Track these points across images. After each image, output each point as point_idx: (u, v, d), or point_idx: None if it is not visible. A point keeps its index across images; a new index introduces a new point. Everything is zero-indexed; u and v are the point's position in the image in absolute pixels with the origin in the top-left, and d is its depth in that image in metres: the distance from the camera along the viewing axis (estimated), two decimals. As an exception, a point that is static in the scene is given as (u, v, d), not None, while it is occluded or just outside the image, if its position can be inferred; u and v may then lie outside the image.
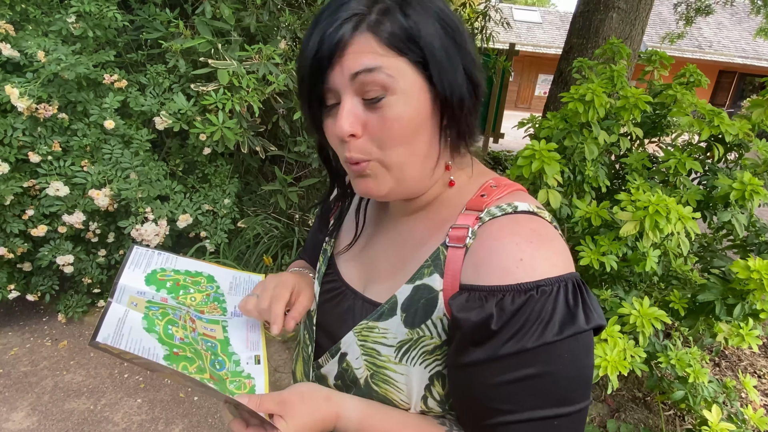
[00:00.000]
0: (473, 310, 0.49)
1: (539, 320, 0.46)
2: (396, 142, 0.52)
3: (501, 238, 0.51)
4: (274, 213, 3.24)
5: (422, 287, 0.56)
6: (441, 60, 0.49)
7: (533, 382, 0.47)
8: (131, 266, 0.67)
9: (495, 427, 0.49)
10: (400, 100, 0.50)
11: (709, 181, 1.94)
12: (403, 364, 0.56)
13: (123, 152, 2.51)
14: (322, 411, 0.55)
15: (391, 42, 0.48)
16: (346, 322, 0.64)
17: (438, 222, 0.59)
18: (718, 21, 14.86)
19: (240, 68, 2.61)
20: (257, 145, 3.00)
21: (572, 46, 3.44)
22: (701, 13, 6.35)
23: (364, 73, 0.49)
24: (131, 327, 0.55)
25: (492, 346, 0.47)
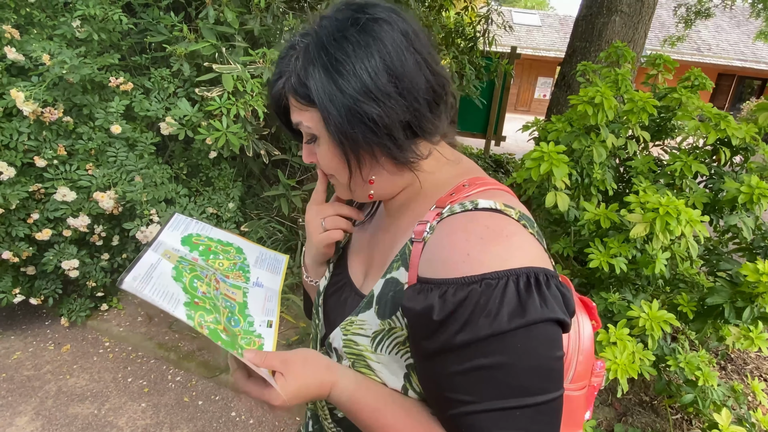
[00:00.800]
0: (417, 300, 0.52)
1: (486, 311, 0.47)
2: (333, 171, 0.63)
3: (452, 233, 0.53)
4: (277, 217, 3.24)
5: (391, 281, 0.60)
6: (327, 109, 0.56)
7: (488, 373, 0.48)
8: (170, 228, 0.74)
9: (458, 417, 0.50)
10: (323, 140, 0.60)
11: (715, 184, 1.94)
12: (379, 353, 0.60)
13: (128, 155, 2.51)
14: (321, 376, 0.58)
15: (301, 98, 0.59)
16: (339, 313, 0.70)
17: (411, 220, 0.64)
18: (717, 24, 14.92)
19: (244, 72, 2.61)
20: (261, 148, 3.01)
21: (575, 49, 3.45)
22: (701, 17, 6.37)
23: (298, 126, 0.62)
24: (161, 273, 0.60)
25: (443, 337, 0.49)
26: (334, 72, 0.55)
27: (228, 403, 2.32)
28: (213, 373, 2.45)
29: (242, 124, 2.63)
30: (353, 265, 0.75)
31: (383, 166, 0.61)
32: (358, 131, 0.57)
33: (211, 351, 2.61)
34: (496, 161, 5.75)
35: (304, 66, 0.57)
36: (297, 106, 0.60)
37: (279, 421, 2.25)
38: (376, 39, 0.56)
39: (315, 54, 0.56)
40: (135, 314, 2.90)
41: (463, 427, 0.50)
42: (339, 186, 0.68)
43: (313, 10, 3.24)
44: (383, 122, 0.56)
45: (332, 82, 0.55)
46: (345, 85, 0.55)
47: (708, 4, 6.42)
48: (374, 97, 0.56)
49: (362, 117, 0.56)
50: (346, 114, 0.56)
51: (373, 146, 0.58)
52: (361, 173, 0.61)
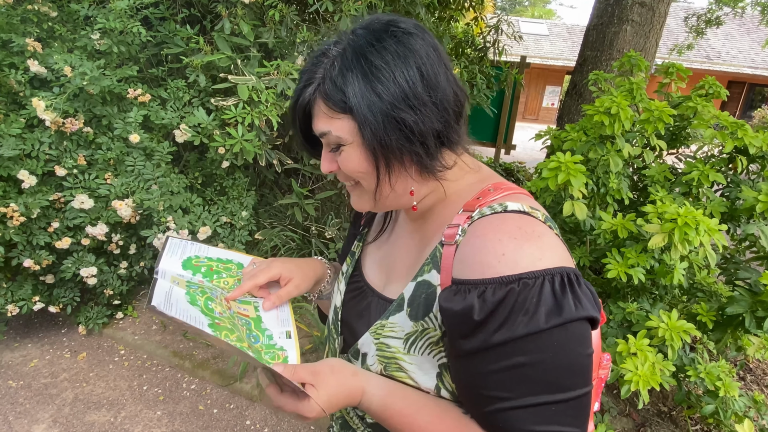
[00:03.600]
0: (456, 301, 0.53)
1: (524, 310, 0.49)
2: (359, 178, 0.63)
3: (485, 234, 0.55)
4: (290, 225, 3.26)
5: (423, 283, 0.61)
6: (364, 116, 0.57)
7: (525, 370, 0.50)
8: (168, 254, 0.75)
9: (494, 414, 0.52)
10: (351, 149, 0.60)
11: (732, 193, 1.93)
12: (412, 354, 0.61)
13: (145, 164, 2.55)
14: (350, 384, 0.59)
15: (334, 105, 0.59)
16: (363, 318, 0.71)
17: (438, 225, 0.66)
18: (726, 32, 14.86)
19: (259, 83, 2.65)
20: (274, 158, 3.04)
21: (586, 58, 3.46)
22: (711, 25, 6.36)
23: (323, 135, 0.62)
24: (177, 299, 0.61)
25: (482, 336, 0.51)
26: (374, 79, 0.57)
27: (243, 412, 2.33)
28: (228, 381, 2.46)
29: (256, 133, 2.67)
30: (370, 274, 0.77)
31: (410, 175, 0.62)
32: (393, 138, 0.58)
33: (225, 359, 2.62)
34: (506, 170, 5.75)
35: (341, 72, 0.58)
36: (327, 113, 0.60)
37: (294, 430, 2.26)
38: (412, 50, 0.58)
39: (353, 60, 0.58)
40: (150, 322, 2.93)
41: (500, 423, 0.52)
42: (361, 195, 0.67)
43: (326, 23, 3.30)
44: (418, 130, 0.58)
45: (371, 88, 0.57)
46: (384, 92, 0.57)
47: (717, 12, 6.40)
48: (411, 105, 0.58)
49: (399, 124, 0.58)
50: (383, 120, 0.57)
51: (404, 154, 0.59)
52: (389, 180, 0.62)
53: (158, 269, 0.70)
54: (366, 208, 0.68)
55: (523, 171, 5.84)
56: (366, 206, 0.68)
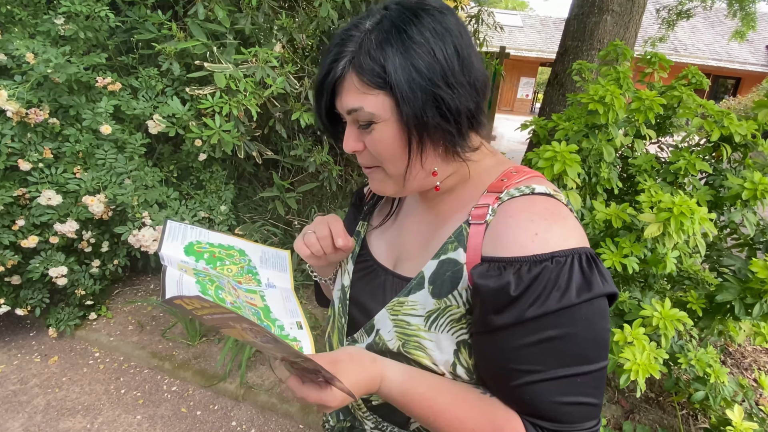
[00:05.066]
0: (492, 278, 0.54)
1: (557, 286, 0.51)
2: (388, 158, 0.61)
3: (517, 215, 0.57)
4: (271, 219, 3.17)
5: (447, 261, 0.61)
6: (403, 92, 0.56)
7: (555, 343, 0.52)
8: (169, 238, 0.70)
9: (521, 387, 0.54)
10: (384, 126, 0.59)
11: (716, 181, 1.95)
12: (432, 331, 0.61)
13: (117, 157, 2.42)
14: (369, 371, 0.59)
15: (369, 80, 0.57)
16: (377, 297, 0.70)
17: (459, 204, 0.66)
18: (692, 25, 15.28)
19: (237, 71, 2.55)
20: (253, 149, 2.94)
21: (567, 48, 3.47)
22: (682, 18, 6.51)
23: (352, 112, 0.59)
24: (189, 288, 0.58)
25: (516, 311, 0.52)
26: (414, 54, 0.56)
27: (228, 413, 2.25)
28: (210, 381, 2.37)
29: (235, 123, 2.57)
30: (378, 253, 0.77)
31: (437, 155, 0.62)
32: (430, 116, 0.57)
33: (207, 359, 2.54)
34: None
35: (380, 45, 0.56)
36: (360, 89, 0.58)
37: (282, 429, 2.20)
38: (448, 29, 0.58)
39: (392, 34, 0.56)
40: (125, 323, 2.80)
41: (527, 396, 0.54)
42: (384, 179, 0.65)
43: (306, 9, 3.19)
44: (455, 108, 0.58)
45: (412, 63, 0.56)
46: (425, 68, 0.56)
47: (688, 5, 6.55)
48: (449, 83, 0.57)
49: (437, 102, 0.57)
50: (422, 97, 0.56)
51: (438, 132, 0.59)
52: (421, 160, 0.61)
53: (161, 254, 0.65)
54: (388, 191, 0.67)
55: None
56: (389, 189, 0.66)
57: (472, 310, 0.59)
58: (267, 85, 2.68)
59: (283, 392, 2.31)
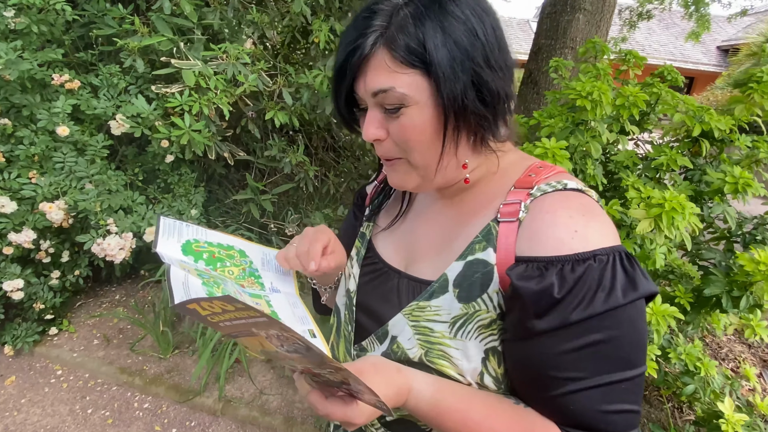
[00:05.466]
0: (533, 279, 0.50)
1: (602, 287, 0.48)
2: (416, 147, 0.56)
3: (553, 211, 0.53)
4: (245, 223, 3.04)
5: (476, 262, 0.57)
6: (444, 72, 0.51)
7: (600, 348, 0.48)
8: (164, 236, 0.63)
9: (563, 396, 0.50)
10: (416, 110, 0.53)
11: (694, 176, 1.98)
12: (458, 338, 0.56)
13: (77, 161, 2.26)
14: (396, 382, 0.54)
15: (403, 57, 0.51)
16: (390, 302, 0.65)
17: (483, 202, 0.61)
18: (649, 27, 15.88)
19: (206, 69, 2.42)
20: (225, 150, 2.82)
21: (540, 46, 3.49)
22: (642, 18, 6.74)
23: (380, 93, 0.53)
24: (196, 292, 0.52)
25: (560, 315, 0.49)
26: (456, 31, 0.51)
27: (205, 429, 2.13)
28: (186, 396, 2.24)
29: (206, 123, 2.44)
30: (386, 254, 0.71)
31: (469, 145, 0.57)
32: (470, 99, 0.53)
33: (181, 372, 2.40)
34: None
35: (417, 20, 0.51)
36: (391, 67, 0.52)
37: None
38: (486, 9, 0.54)
39: (433, 9, 0.51)
40: (90, 337, 2.62)
41: (570, 405, 0.50)
42: (409, 170, 0.59)
43: (277, 4, 3.08)
44: (495, 92, 0.54)
45: (454, 41, 0.51)
46: (468, 46, 0.51)
47: (647, 6, 6.79)
48: (491, 65, 0.53)
49: (479, 85, 0.53)
50: (463, 77, 0.52)
51: (475, 119, 0.54)
52: (455, 150, 0.56)
53: (159, 253, 0.59)
54: (410, 185, 0.61)
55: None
56: (411, 183, 0.60)
57: (504, 314, 0.55)
58: (239, 83, 2.57)
59: (264, 405, 2.21)
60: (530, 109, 3.53)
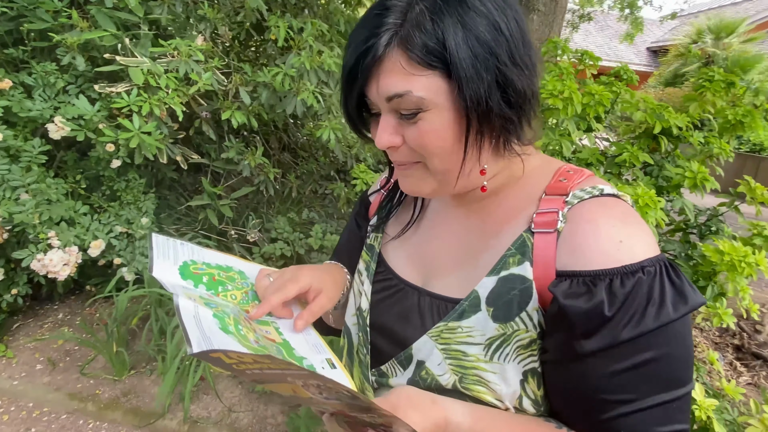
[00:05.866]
0: (581, 296, 0.47)
1: (652, 301, 0.45)
2: (436, 152, 0.52)
3: (594, 220, 0.50)
4: (202, 230, 2.88)
5: (511, 277, 0.53)
6: (466, 72, 0.47)
7: (651, 367, 0.46)
8: (159, 257, 0.57)
9: (614, 420, 0.47)
10: (434, 114, 0.49)
11: (653, 171, 2.06)
12: (496, 362, 0.53)
13: (10, 168, 2.03)
14: (432, 415, 0.50)
15: (420, 58, 0.47)
16: (410, 322, 0.60)
17: (510, 210, 0.57)
18: (586, 29, 16.71)
19: (156, 66, 2.26)
20: (177, 153, 2.65)
21: (497, 46, 3.55)
22: (583, 20, 7.07)
23: (396, 98, 0.49)
24: (210, 327, 0.46)
25: (610, 334, 0.46)
26: (478, 26, 0.47)
27: (170, 454, 1.98)
28: (146, 420, 2.08)
29: (157, 124, 2.27)
30: (401, 268, 0.66)
31: (490, 149, 0.53)
32: (494, 101, 0.49)
33: (140, 394, 2.22)
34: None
35: (435, 16, 0.46)
36: (407, 69, 0.47)
37: (235, 464, 1.98)
38: (507, 2, 0.50)
39: (451, 3, 0.47)
40: (32, 362, 2.38)
41: (621, 428, 0.47)
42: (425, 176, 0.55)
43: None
44: (522, 92, 0.50)
45: (476, 37, 0.47)
46: (491, 43, 0.47)
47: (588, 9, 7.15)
48: (516, 62, 0.49)
49: (504, 84, 0.49)
50: (487, 77, 0.48)
51: (499, 121, 0.50)
52: (479, 154, 0.52)
53: (157, 278, 0.53)
54: (425, 191, 0.57)
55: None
56: (426, 189, 0.56)
57: (547, 333, 0.51)
58: (192, 82, 2.41)
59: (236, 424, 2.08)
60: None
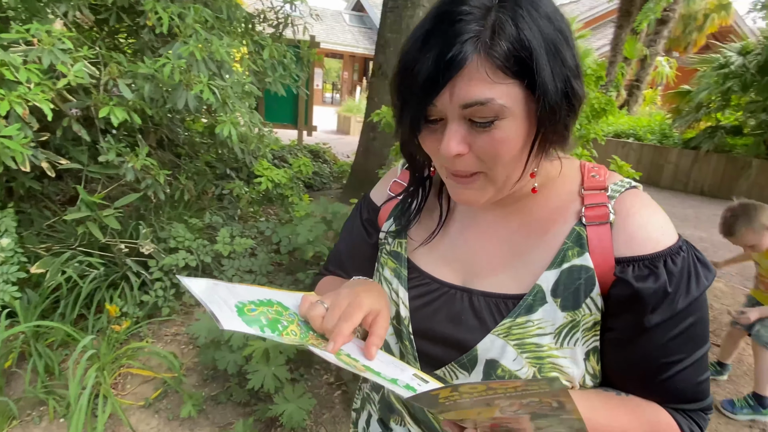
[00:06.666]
0: (648, 278, 0.53)
1: (693, 274, 0.54)
2: (501, 162, 0.53)
3: (641, 210, 0.56)
4: (81, 247, 2.48)
5: (575, 268, 0.56)
6: (545, 77, 0.49)
7: (694, 329, 0.54)
8: (214, 305, 0.49)
9: (671, 378, 0.55)
10: (510, 122, 0.50)
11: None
12: (566, 347, 0.56)
13: None
14: None
15: (504, 65, 0.48)
16: (465, 324, 0.61)
17: (553, 208, 0.61)
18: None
19: (11, 56, 1.88)
20: (42, 159, 2.25)
21: (387, 40, 3.62)
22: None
23: (476, 106, 0.49)
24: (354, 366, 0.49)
25: (669, 306, 0.53)
26: (553, 35, 0.49)
27: None
28: None
29: (21, 126, 1.90)
30: (438, 271, 0.66)
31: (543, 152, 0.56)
32: (563, 110, 0.51)
33: None
34: (312, 152, 5.65)
35: (516, 22, 0.47)
36: (491, 78, 0.47)
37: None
38: (556, 7, 0.52)
39: (526, 8, 0.48)
40: None
41: (677, 385, 0.56)
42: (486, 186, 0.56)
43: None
44: (580, 99, 0.53)
45: (554, 46, 0.49)
46: (566, 53, 0.50)
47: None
48: (578, 74, 0.52)
49: (571, 93, 0.51)
50: (561, 86, 0.50)
51: (562, 128, 0.53)
52: (540, 160, 0.55)
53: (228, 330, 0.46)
54: (482, 201, 0.58)
55: (328, 152, 5.86)
56: (484, 199, 0.57)
57: (608, 315, 0.56)
58: (59, 74, 2.06)
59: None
60: (383, 101, 3.65)
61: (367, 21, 20.49)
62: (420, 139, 0.57)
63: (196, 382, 2.16)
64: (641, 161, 8.73)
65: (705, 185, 8.07)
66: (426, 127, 0.54)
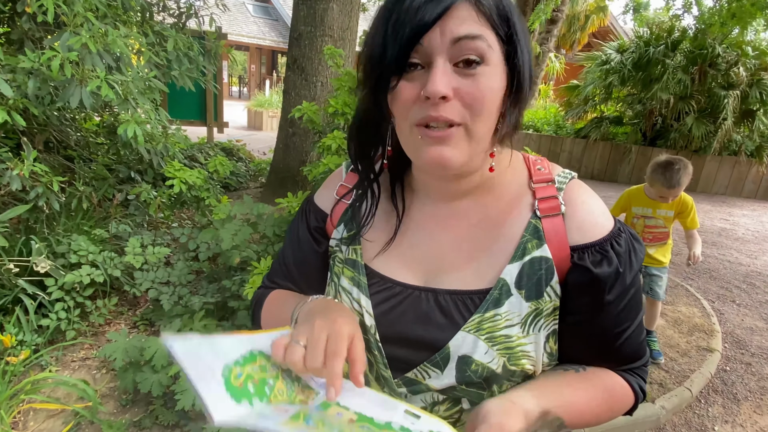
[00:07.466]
0: (603, 262, 0.58)
1: (632, 249, 0.60)
2: (484, 112, 0.53)
3: (585, 200, 0.61)
4: (-44, 269, 2.12)
5: (536, 260, 0.59)
6: (521, 40, 0.54)
7: (634, 297, 0.60)
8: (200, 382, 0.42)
9: (623, 344, 0.61)
10: (492, 71, 0.52)
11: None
12: (531, 334, 0.59)
13: None
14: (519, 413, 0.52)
15: (489, 14, 0.51)
16: (432, 323, 0.60)
17: (508, 200, 0.63)
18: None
19: None
20: None
21: (301, 33, 3.51)
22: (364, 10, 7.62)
23: (467, 40, 0.50)
24: None
25: (621, 283, 0.58)
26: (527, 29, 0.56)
27: None
28: None
29: None
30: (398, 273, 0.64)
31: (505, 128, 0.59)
32: (527, 76, 0.56)
33: None
34: (224, 149, 5.32)
35: None
36: (478, 20, 0.51)
37: None
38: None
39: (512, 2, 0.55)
40: None
41: (628, 348, 0.62)
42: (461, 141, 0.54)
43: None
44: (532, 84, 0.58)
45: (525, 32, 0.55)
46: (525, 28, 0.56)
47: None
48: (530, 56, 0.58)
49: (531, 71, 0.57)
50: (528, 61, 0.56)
51: (521, 99, 0.57)
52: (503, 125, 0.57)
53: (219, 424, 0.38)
54: (456, 160, 0.55)
55: (243, 150, 5.56)
56: (459, 158, 0.55)
57: (566, 299, 0.60)
58: None
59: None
60: (301, 96, 3.56)
61: (272, 12, 19.82)
62: (393, 96, 0.54)
63: (115, 409, 1.96)
64: (540, 150, 9.47)
65: (594, 170, 8.99)
66: (403, 77, 0.53)
